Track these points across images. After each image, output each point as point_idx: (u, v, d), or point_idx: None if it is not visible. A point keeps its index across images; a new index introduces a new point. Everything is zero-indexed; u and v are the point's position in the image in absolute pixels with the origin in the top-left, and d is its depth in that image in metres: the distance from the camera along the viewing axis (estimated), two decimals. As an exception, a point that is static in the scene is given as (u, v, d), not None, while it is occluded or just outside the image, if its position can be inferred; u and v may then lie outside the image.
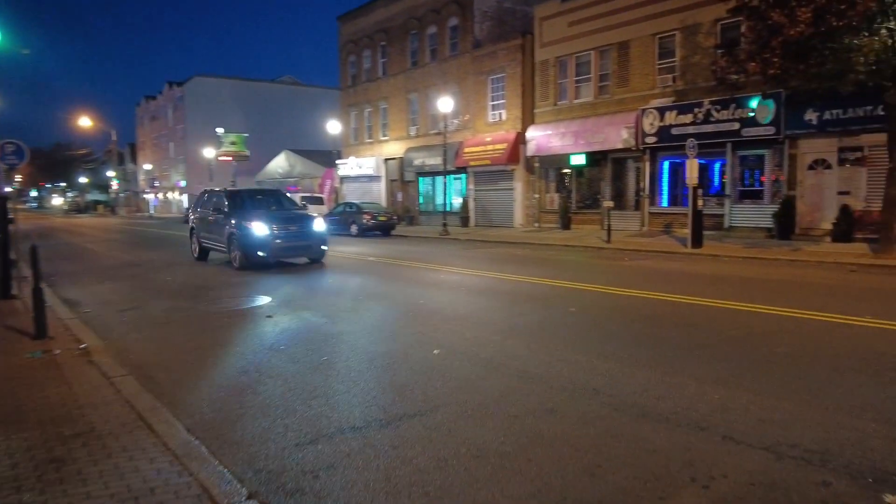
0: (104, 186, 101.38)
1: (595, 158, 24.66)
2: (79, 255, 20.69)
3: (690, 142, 17.81)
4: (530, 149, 26.42)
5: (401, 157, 35.03)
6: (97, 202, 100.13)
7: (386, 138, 36.54)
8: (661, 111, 22.06)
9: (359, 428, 4.78)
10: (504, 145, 27.60)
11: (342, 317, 9.03)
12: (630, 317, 8.59)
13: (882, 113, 16.86)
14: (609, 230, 19.87)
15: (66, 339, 7.86)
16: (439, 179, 32.68)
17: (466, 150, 29.38)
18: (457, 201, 31.93)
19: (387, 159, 36.48)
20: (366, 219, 26.88)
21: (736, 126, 20.16)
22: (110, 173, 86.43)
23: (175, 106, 70.34)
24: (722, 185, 21.76)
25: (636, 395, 5.28)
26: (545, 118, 26.58)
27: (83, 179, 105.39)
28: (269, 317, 9.18)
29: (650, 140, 22.44)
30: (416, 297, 10.76)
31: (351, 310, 9.61)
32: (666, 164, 23.34)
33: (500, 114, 28.79)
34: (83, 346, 7.45)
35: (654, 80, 22.90)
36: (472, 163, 29.10)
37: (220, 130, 53.74)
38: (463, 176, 30.83)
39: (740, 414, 4.79)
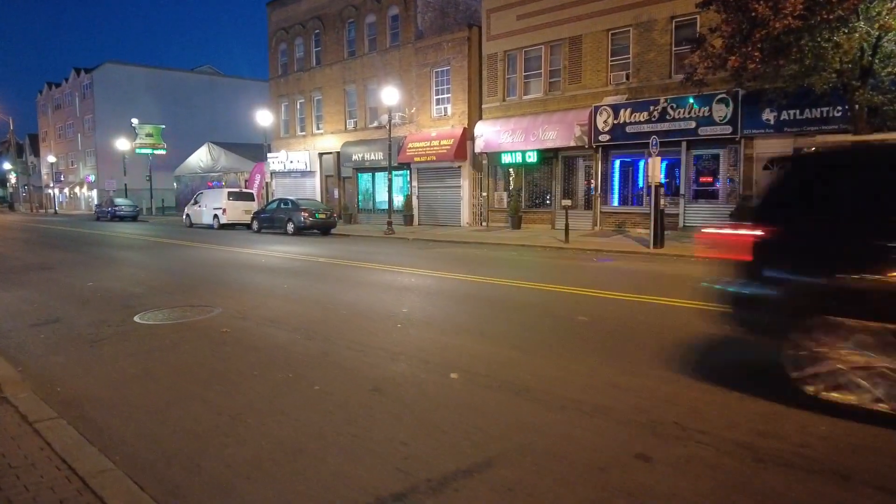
0: (0, 180, 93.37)
1: (545, 156, 23.98)
2: (-25, 255, 18.04)
3: (653, 139, 17.28)
4: (478, 145, 25.46)
5: (337, 152, 33.33)
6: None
7: (320, 131, 34.71)
8: (616, 109, 21.58)
9: (402, 496, 3.52)
10: (450, 141, 26.53)
11: (316, 330, 7.64)
12: (655, 327, 7.65)
13: (838, 114, 16.92)
14: (567, 230, 19.12)
15: (-33, 366, 6.12)
16: (380, 176, 31.32)
17: (410, 145, 28.11)
18: (399, 199, 30.59)
19: (321, 154, 34.66)
20: (304, 216, 25.13)
21: (692, 125, 19.89)
22: (7, 166, 79.46)
23: (83, 94, 65.18)
24: (674, 184, 21.50)
25: (740, 433, 4.27)
26: (494, 114, 25.69)
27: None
28: (226, 331, 7.67)
29: (604, 138, 21.92)
30: (394, 304, 9.46)
31: (322, 321, 8.22)
32: (617, 163, 22.92)
33: (446, 108, 27.69)
34: (-9, 376, 5.77)
35: (607, 77, 22.41)
36: (416, 159, 27.85)
37: (135, 121, 50.00)
38: (405, 172, 29.52)
39: None
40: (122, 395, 5.41)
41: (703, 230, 6.39)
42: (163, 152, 50.80)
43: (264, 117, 32.34)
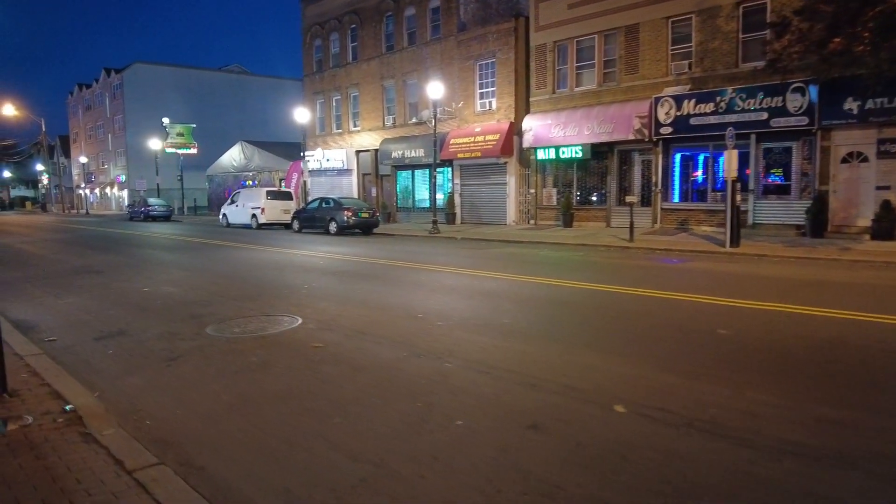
0: (32, 182, 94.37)
1: (599, 151, 22.85)
2: (17, 258, 17.44)
3: (729, 131, 16.10)
4: (527, 140, 24.39)
5: (375, 150, 32.48)
6: (25, 199, 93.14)
7: (357, 129, 33.89)
8: (678, 100, 20.39)
9: None
10: (496, 136, 25.51)
11: (418, 344, 6.70)
12: (806, 340, 6.59)
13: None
14: (632, 228, 18.00)
15: (39, 392, 5.29)
16: (420, 173, 30.43)
17: (453, 141, 27.15)
18: (439, 197, 29.65)
19: (359, 151, 33.84)
20: (347, 215, 24.30)
21: (763, 116, 18.64)
22: (40, 167, 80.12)
23: (113, 95, 65.25)
24: (741, 179, 20.21)
25: None
26: (543, 107, 24.61)
27: (7, 174, 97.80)
28: (318, 346, 6.76)
29: (665, 131, 20.74)
30: (490, 313, 8.49)
31: (420, 333, 7.27)
32: (678, 157, 21.71)
33: (490, 102, 26.67)
34: (68, 406, 4.91)
35: (667, 66, 21.21)
36: (459, 155, 26.88)
37: (165, 120, 49.76)
38: (446, 170, 28.55)
39: None
40: (225, 432, 4.51)
41: None
42: (193, 151, 50.50)
43: (301, 115, 31.58)
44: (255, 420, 4.69)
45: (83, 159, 67.57)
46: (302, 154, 33.40)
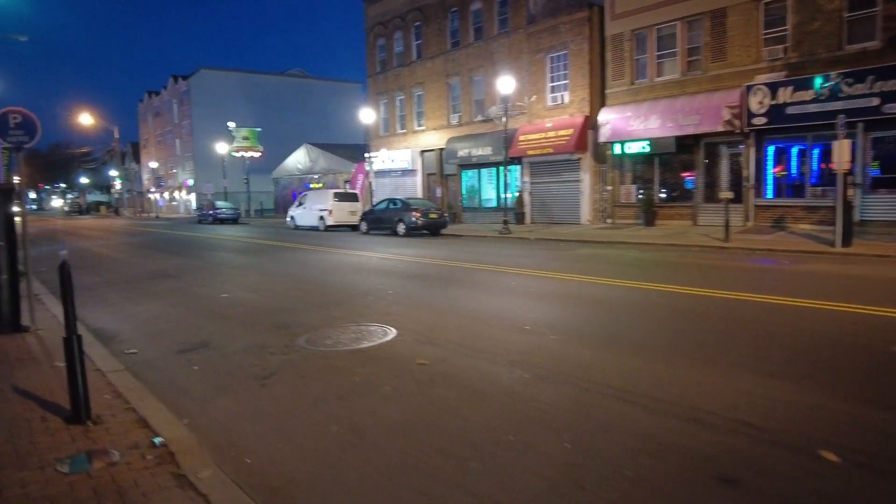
0: (106, 187, 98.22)
1: (684, 144, 21.45)
2: (94, 262, 17.45)
3: (840, 119, 14.62)
4: (603, 134, 23.19)
5: (440, 149, 31.80)
6: (99, 203, 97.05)
7: (422, 128, 33.29)
8: (773, 88, 18.84)
9: None
10: (569, 131, 24.40)
11: (538, 364, 5.83)
12: None
13: None
14: (728, 226, 16.63)
15: (124, 419, 4.67)
16: (486, 172, 29.61)
17: (522, 137, 26.16)
18: (508, 196, 28.74)
19: (423, 151, 33.24)
20: (415, 216, 23.66)
21: (875, 102, 16.96)
22: (113, 173, 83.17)
23: (180, 101, 66.96)
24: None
25: None
26: (620, 99, 23.36)
27: (84, 180, 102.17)
28: (423, 363, 5.97)
29: (759, 121, 19.21)
30: (603, 324, 7.56)
31: (535, 350, 6.40)
32: (772, 149, 20.12)
33: (562, 96, 25.57)
34: (158, 440, 4.25)
35: (758, 52, 19.67)
36: (529, 152, 25.88)
37: (231, 125, 50.51)
38: (514, 168, 27.57)
39: None
40: (343, 478, 3.74)
41: None
42: (258, 155, 51.10)
43: (366, 115, 31.20)
44: (375, 462, 3.91)
45: (153, 164, 69.66)
46: (366, 156, 33.03)
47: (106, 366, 6.16)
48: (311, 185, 42.78)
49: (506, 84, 22.60)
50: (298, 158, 44.33)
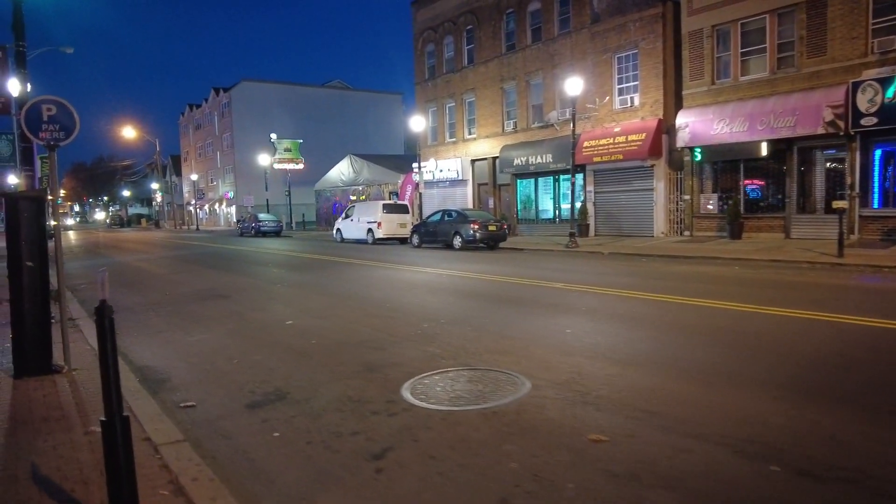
0: (147, 199, 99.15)
1: (775, 149, 19.39)
2: (138, 279, 16.16)
3: None
4: (681, 139, 21.23)
5: (493, 157, 30.14)
6: (140, 216, 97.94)
7: (473, 136, 31.69)
8: (885, 84, 16.71)
9: None
10: (641, 136, 22.50)
11: (783, 448, 4.03)
12: None
13: None
14: (841, 240, 14.54)
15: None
16: (543, 182, 27.86)
17: (587, 143, 24.33)
18: (567, 207, 26.93)
19: (474, 160, 31.62)
20: (473, 228, 21.99)
21: None
22: (154, 185, 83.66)
23: (221, 113, 66.75)
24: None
25: None
26: (699, 101, 21.39)
27: (126, 193, 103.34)
28: (599, 439, 4.22)
29: (868, 122, 17.07)
30: (771, 370, 5.72)
31: (759, 420, 4.60)
32: (878, 153, 17.94)
33: (632, 98, 23.70)
34: None
35: (866, 45, 17.57)
36: (595, 159, 24.03)
37: (273, 136, 49.74)
38: (576, 176, 25.66)
39: None
40: None
41: None
42: (301, 167, 50.20)
43: (417, 123, 29.74)
44: None
45: (194, 177, 69.56)
46: (414, 166, 31.54)
47: (159, 432, 4.56)
48: (352, 198, 41.57)
49: (573, 86, 20.86)
50: (342, 170, 43.14)
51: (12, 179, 44.16)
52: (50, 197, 6.29)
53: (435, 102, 34.02)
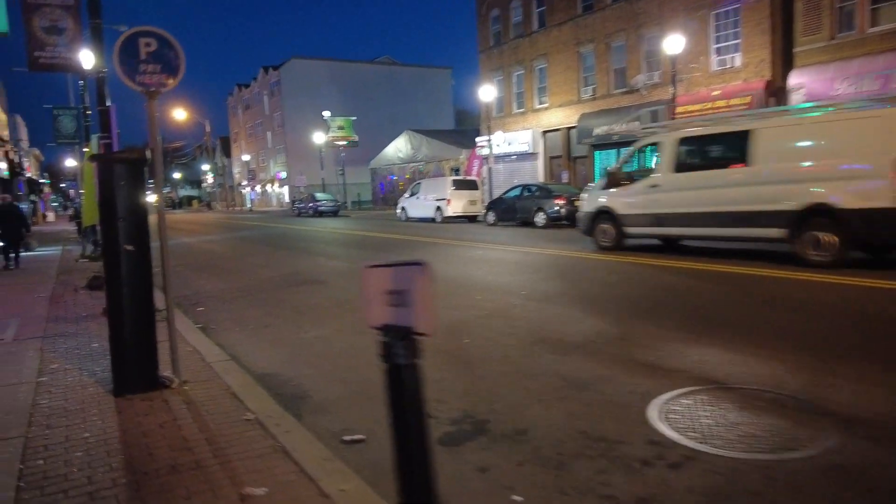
0: (196, 181, 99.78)
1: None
2: (212, 262, 14.97)
3: None
4: (796, 101, 18.93)
5: (568, 128, 28.15)
6: (191, 197, 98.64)
7: (544, 105, 29.72)
8: None
9: None
10: (745, 99, 20.28)
11: None
12: None
13: None
14: None
15: None
16: (625, 152, 25.67)
17: (680, 109, 22.16)
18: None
19: (545, 132, 29.68)
20: (558, 204, 20.24)
21: None
22: (205, 167, 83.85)
23: (271, 92, 65.87)
24: None
25: None
26: (815, 58, 19.01)
27: (176, 175, 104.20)
28: None
29: None
30: None
31: None
32: None
33: (733, 59, 21.42)
34: None
35: None
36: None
37: (326, 114, 48.47)
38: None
39: None
40: None
41: None
42: (355, 145, 48.92)
43: (486, 93, 27.96)
44: None
45: (245, 157, 69.13)
46: (487, 139, 29.72)
47: (345, 494, 3.06)
48: (406, 176, 40.18)
49: (672, 44, 18.87)
50: (398, 147, 41.69)
51: (70, 162, 43.86)
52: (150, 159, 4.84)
53: (501, 71, 32.07)
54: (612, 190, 12.92)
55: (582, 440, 3.70)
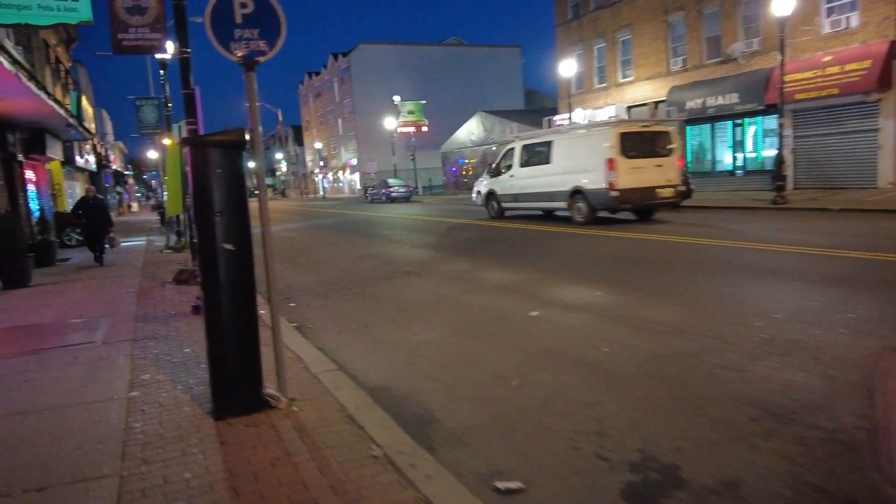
0: (270, 170, 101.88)
1: None
2: (295, 251, 14.52)
3: None
4: (928, 62, 16.83)
5: (655, 102, 26.42)
6: (266, 186, 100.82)
7: (628, 79, 28.03)
8: None
9: None
10: (864, 63, 18.20)
11: None
12: None
13: None
14: None
15: None
16: (720, 127, 23.98)
17: (788, 79, 20.17)
18: (751, 156, 23.13)
19: (630, 107, 28.00)
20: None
21: None
22: (278, 156, 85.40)
23: (341, 79, 65.97)
24: None
25: None
26: (951, 12, 16.80)
27: (250, 164, 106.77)
28: None
29: None
30: None
31: None
32: None
33: (848, 19, 19.29)
34: None
35: None
36: (798, 96, 19.92)
37: (396, 99, 47.91)
38: (759, 119, 21.71)
39: None
40: None
41: None
42: (425, 129, 48.22)
43: (567, 67, 26.57)
44: None
45: (318, 145, 69.70)
46: (555, 119, 28.36)
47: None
48: (471, 161, 39.20)
49: (780, 5, 16.96)
50: (471, 129, 40.67)
51: (151, 154, 45.01)
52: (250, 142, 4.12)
53: (581, 45, 30.48)
54: (494, 178, 19.22)
55: (819, 498, 2.74)
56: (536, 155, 17.23)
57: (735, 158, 23.98)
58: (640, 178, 14.56)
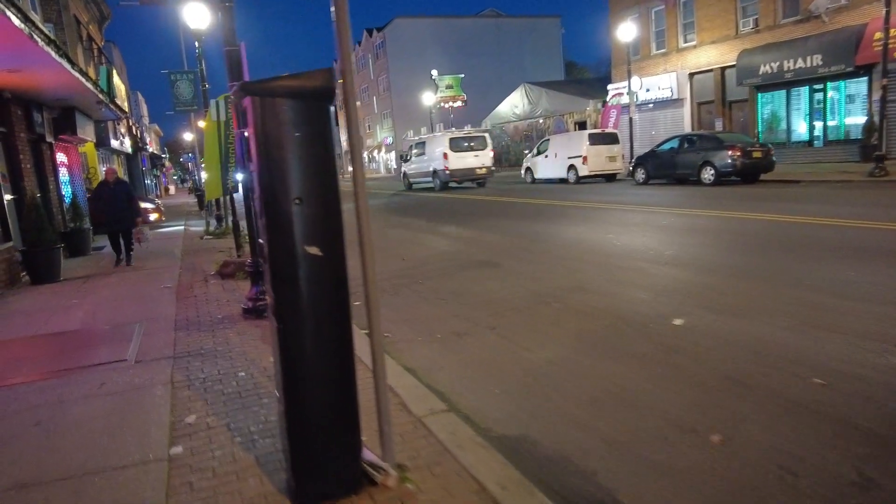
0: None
1: None
2: (348, 238, 13.22)
3: None
4: None
5: (722, 68, 24.37)
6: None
7: (691, 44, 25.93)
8: None
9: None
10: (979, 14, 16.00)
11: None
12: None
13: None
14: None
15: None
16: (796, 94, 21.95)
17: (877, 36, 18.06)
18: (832, 124, 21.09)
19: (692, 74, 25.97)
20: (733, 156, 17.02)
21: None
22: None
23: (376, 55, 64.37)
24: None
25: None
26: None
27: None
28: None
29: None
30: None
31: None
32: None
33: (957, -36, 17.03)
34: None
35: None
36: (895, 55, 17.79)
37: (434, 73, 46.18)
38: (842, 84, 19.63)
39: None
40: None
41: None
42: (463, 103, 46.53)
43: (626, 31, 24.64)
44: None
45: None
46: (622, 85, 26.41)
47: None
48: (498, 136, 37.48)
49: (884, -52, 14.87)
50: (514, 102, 38.86)
51: (187, 136, 44.14)
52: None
53: (637, 8, 28.36)
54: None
55: None
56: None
57: (813, 127, 21.90)
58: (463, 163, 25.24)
